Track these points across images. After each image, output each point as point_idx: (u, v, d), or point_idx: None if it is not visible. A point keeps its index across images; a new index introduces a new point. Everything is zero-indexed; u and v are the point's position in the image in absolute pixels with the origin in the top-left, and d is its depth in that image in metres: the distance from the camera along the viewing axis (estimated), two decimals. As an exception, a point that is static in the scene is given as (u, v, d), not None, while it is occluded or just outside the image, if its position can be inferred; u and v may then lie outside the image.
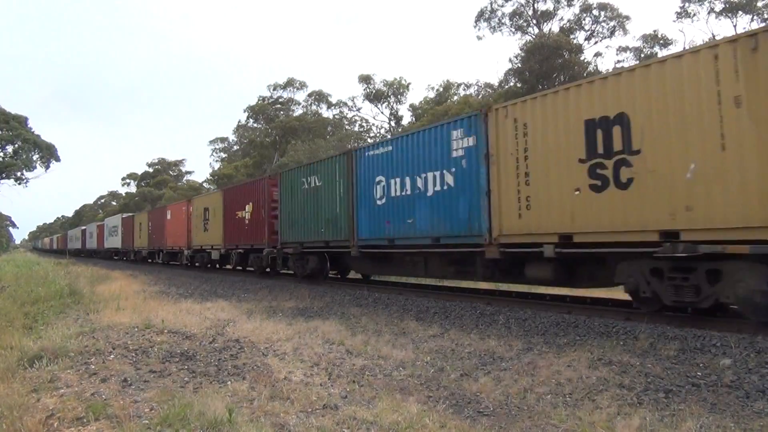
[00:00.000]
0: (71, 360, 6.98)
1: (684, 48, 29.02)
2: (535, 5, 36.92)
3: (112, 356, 7.25)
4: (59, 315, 11.29)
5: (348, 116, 51.83)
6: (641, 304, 8.52)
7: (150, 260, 35.63)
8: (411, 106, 45.99)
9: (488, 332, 8.67)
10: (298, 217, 16.90)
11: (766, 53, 6.53)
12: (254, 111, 55.10)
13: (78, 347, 7.63)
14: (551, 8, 36.41)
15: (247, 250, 20.81)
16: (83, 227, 67.88)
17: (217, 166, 64.84)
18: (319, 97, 52.11)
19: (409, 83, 47.60)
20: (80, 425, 4.79)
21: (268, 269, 20.06)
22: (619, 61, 35.55)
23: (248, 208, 20.14)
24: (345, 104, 51.26)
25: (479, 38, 50.04)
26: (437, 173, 11.30)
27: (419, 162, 11.82)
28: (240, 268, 23.39)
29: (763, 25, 7.09)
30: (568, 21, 35.97)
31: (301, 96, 54.04)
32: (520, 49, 32.23)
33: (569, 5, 35.75)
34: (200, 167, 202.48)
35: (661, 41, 34.67)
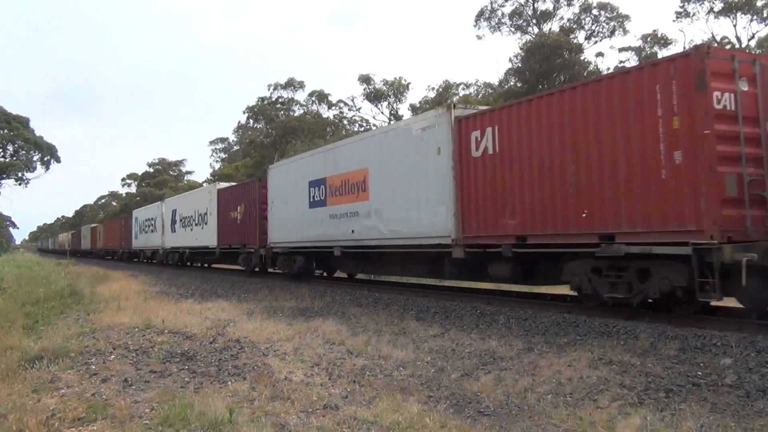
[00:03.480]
0: (72, 360, 6.99)
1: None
2: (535, 5, 36.90)
3: (112, 356, 7.26)
4: (60, 315, 11.31)
5: (348, 116, 51.86)
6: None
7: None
8: (411, 106, 45.99)
9: (489, 332, 8.67)
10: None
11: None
12: (254, 111, 55.09)
13: (78, 347, 7.64)
14: (551, 8, 36.41)
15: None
16: (188, 193, 31.15)
17: (217, 166, 64.90)
18: (320, 96, 52.09)
19: (409, 83, 47.50)
20: (81, 425, 4.80)
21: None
22: (621, 61, 35.58)
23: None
24: (345, 104, 51.28)
25: (479, 38, 49.83)
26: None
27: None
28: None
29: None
30: (568, 21, 35.96)
31: (301, 96, 54.04)
32: (520, 49, 32.21)
33: (569, 5, 35.72)
34: (200, 167, 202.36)
35: (661, 41, 34.66)
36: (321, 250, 15.75)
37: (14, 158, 50.52)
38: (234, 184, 24.19)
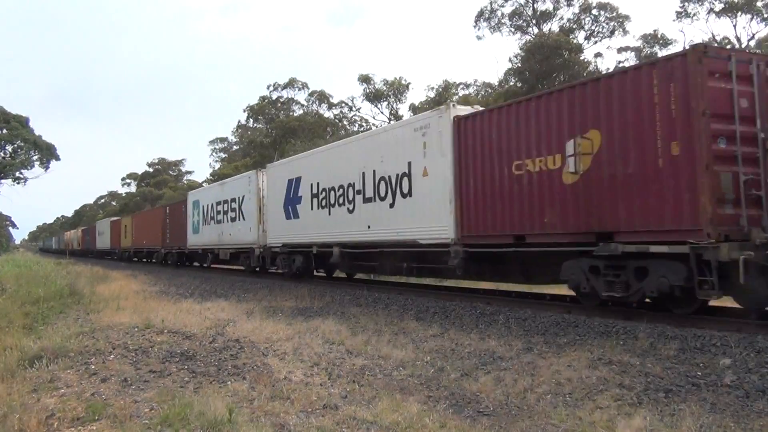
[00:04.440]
0: (71, 360, 6.99)
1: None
2: (535, 5, 36.92)
3: (112, 356, 7.26)
4: (59, 315, 11.30)
5: (348, 116, 51.84)
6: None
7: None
8: (411, 106, 45.97)
9: (488, 332, 8.67)
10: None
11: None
12: (254, 111, 55.08)
13: (78, 347, 7.64)
14: (551, 8, 36.43)
15: None
16: (344, 141, 16.06)
17: (217, 166, 64.87)
18: (321, 97, 52.06)
19: (408, 83, 47.49)
20: (80, 425, 4.80)
21: None
22: (620, 62, 35.56)
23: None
24: (345, 104, 51.28)
25: (479, 38, 49.87)
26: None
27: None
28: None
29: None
30: (568, 21, 35.98)
31: (302, 96, 54.03)
32: (520, 49, 32.30)
33: (569, 5, 35.74)
34: (200, 167, 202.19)
35: (661, 41, 34.66)
36: None
37: (12, 158, 50.50)
38: (530, 95, 10.57)
